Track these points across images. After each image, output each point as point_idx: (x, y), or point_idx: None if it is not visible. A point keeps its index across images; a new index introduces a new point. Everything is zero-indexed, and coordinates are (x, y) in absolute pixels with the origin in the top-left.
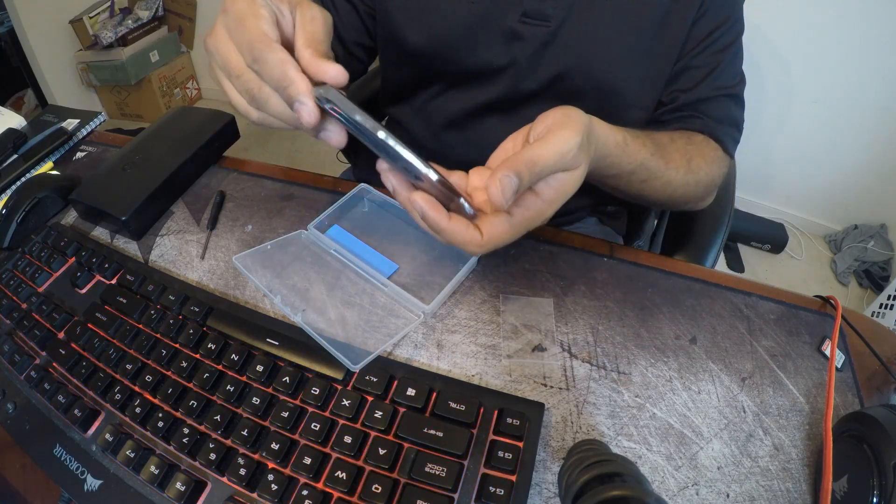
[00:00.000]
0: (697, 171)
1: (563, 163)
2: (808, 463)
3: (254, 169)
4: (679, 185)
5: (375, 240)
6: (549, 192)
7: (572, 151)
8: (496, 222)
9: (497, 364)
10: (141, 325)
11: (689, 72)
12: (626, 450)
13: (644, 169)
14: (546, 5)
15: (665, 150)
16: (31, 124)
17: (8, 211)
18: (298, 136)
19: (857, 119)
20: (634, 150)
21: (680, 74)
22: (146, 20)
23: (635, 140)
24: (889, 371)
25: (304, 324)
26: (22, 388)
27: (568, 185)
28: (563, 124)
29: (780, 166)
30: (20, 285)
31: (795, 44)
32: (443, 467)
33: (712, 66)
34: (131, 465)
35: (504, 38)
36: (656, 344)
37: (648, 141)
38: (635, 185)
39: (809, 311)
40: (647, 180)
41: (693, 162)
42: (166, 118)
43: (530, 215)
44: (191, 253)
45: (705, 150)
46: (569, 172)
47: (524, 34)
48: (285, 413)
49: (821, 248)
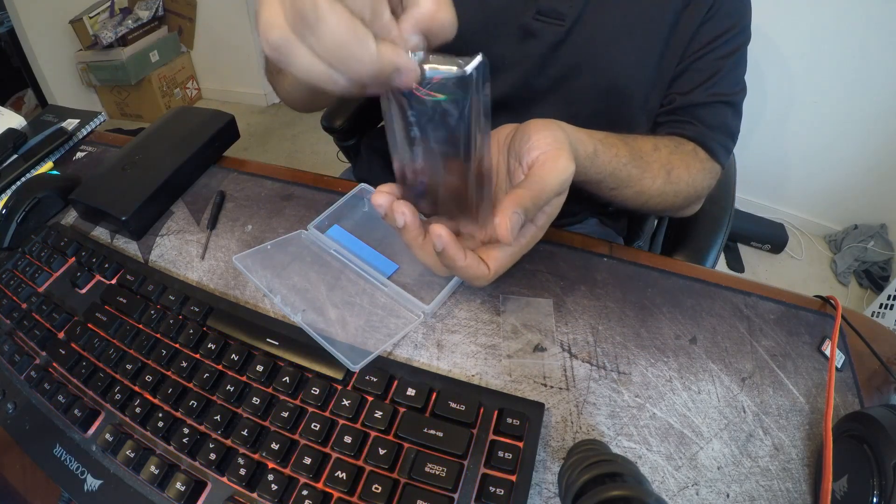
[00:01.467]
0: (678, 181)
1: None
2: (808, 463)
3: (254, 169)
4: (655, 195)
5: (375, 240)
6: (542, 219)
7: (569, 179)
8: (500, 256)
9: (497, 364)
10: (141, 325)
11: (689, 75)
12: (626, 450)
13: (613, 178)
14: (561, 4)
15: (642, 160)
16: (31, 124)
17: (8, 211)
18: (298, 135)
19: (856, 119)
20: (604, 161)
21: (680, 76)
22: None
23: (608, 150)
24: (889, 371)
25: (304, 324)
26: (22, 388)
27: (556, 209)
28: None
29: (781, 166)
30: (20, 285)
31: (795, 44)
32: (443, 467)
33: (712, 71)
34: (131, 465)
35: (518, 34)
36: (656, 344)
37: (624, 150)
38: (604, 191)
39: (809, 311)
40: (618, 188)
41: (674, 172)
42: (166, 118)
43: (526, 242)
44: (191, 253)
45: (691, 160)
46: (560, 196)
47: (538, 32)
48: (285, 413)
49: (821, 248)
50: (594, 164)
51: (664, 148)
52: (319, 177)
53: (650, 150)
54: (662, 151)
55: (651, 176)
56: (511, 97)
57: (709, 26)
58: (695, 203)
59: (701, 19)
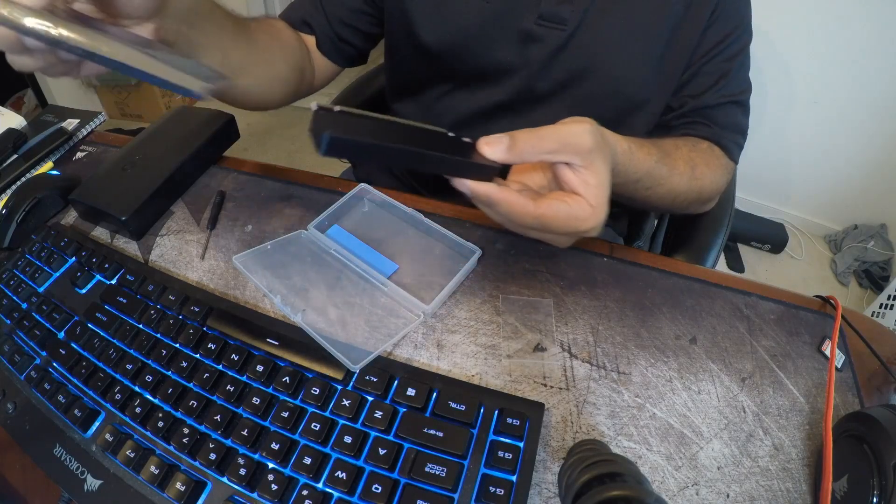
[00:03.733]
0: (702, 177)
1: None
2: (808, 463)
3: (254, 169)
4: (682, 192)
5: (375, 240)
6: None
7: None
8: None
9: (497, 364)
10: (141, 325)
11: (700, 78)
12: (626, 450)
13: (649, 177)
14: (563, 8)
15: (669, 158)
16: (31, 124)
17: (8, 211)
18: (298, 136)
19: (857, 119)
20: (640, 158)
21: (690, 80)
22: None
23: (640, 148)
24: (889, 371)
25: (304, 324)
26: (22, 388)
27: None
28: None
29: (781, 166)
30: (20, 285)
31: (796, 44)
32: (443, 467)
33: (722, 73)
34: (131, 465)
35: (519, 39)
36: (656, 344)
37: (654, 149)
38: (641, 192)
39: (809, 311)
40: (652, 188)
41: (697, 169)
42: (166, 118)
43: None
44: (191, 253)
45: (710, 157)
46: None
47: (540, 36)
48: (285, 413)
49: (821, 248)
50: (632, 162)
51: (684, 146)
52: (319, 177)
53: (672, 148)
54: (683, 150)
55: (679, 173)
56: (514, 101)
57: (714, 29)
58: (713, 200)
59: (705, 24)
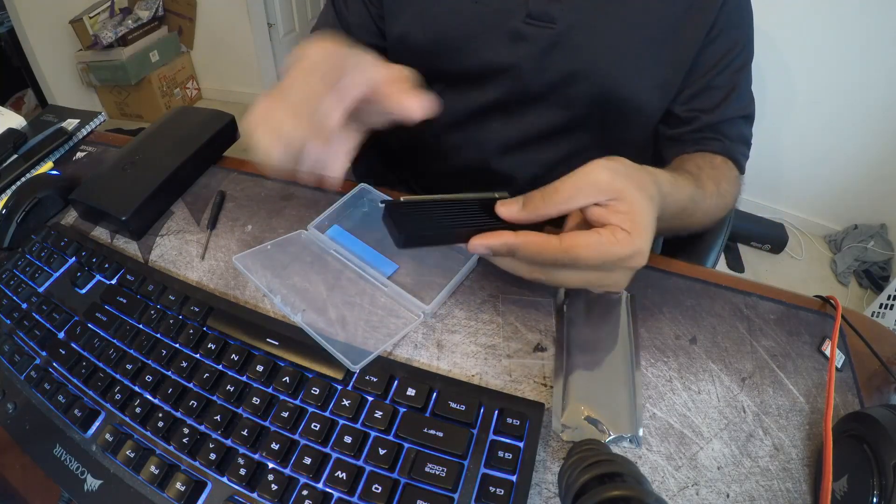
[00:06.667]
0: (726, 194)
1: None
2: (808, 463)
3: (254, 169)
4: (712, 211)
5: (375, 240)
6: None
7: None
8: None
9: (497, 364)
10: (141, 325)
11: (710, 91)
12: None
13: (692, 202)
14: (552, 7)
15: (699, 180)
16: (31, 124)
17: (8, 211)
18: None
19: (857, 120)
20: (683, 185)
21: (700, 93)
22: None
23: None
24: (889, 371)
25: (304, 324)
26: (22, 388)
27: (632, 211)
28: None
29: (781, 166)
30: (20, 285)
31: (796, 45)
32: (443, 467)
33: (731, 86)
34: (131, 465)
35: (508, 38)
36: (656, 344)
37: (685, 174)
38: (686, 220)
39: (809, 311)
40: (694, 214)
41: (721, 186)
42: (166, 118)
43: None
44: (191, 253)
45: (727, 172)
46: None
47: (529, 35)
48: (285, 413)
49: (821, 248)
50: (677, 190)
51: (704, 166)
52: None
53: (696, 170)
54: (706, 169)
55: (710, 194)
56: (507, 102)
57: (720, 41)
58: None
59: (707, 29)
